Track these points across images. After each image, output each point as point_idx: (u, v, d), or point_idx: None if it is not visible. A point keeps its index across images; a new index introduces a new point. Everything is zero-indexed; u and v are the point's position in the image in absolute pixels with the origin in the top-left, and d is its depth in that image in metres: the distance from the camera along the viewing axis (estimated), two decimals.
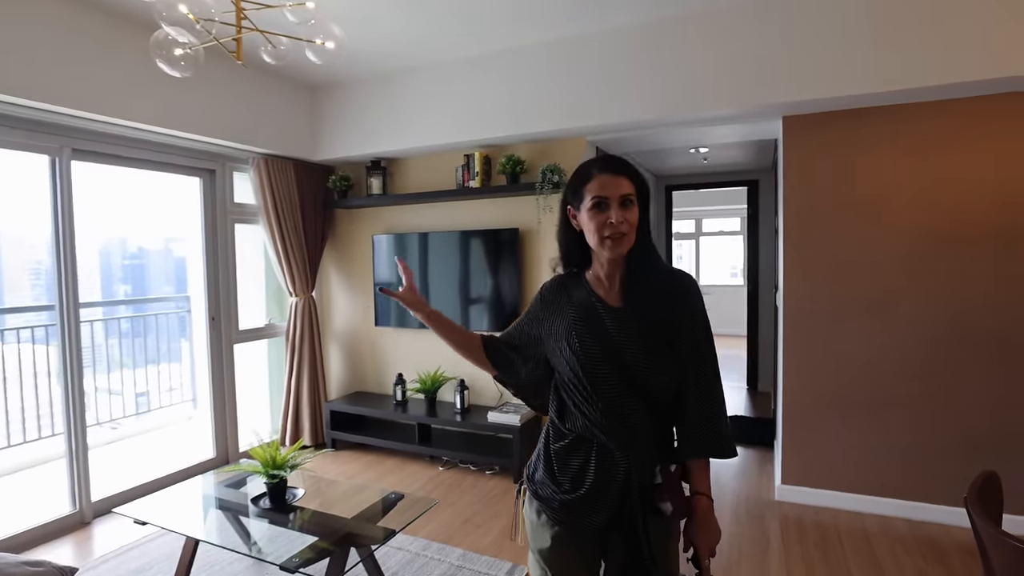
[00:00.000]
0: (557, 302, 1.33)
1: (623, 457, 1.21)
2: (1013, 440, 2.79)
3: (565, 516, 1.25)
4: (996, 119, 2.75)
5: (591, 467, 1.22)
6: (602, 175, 1.22)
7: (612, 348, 1.22)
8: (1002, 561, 1.31)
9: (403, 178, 4.24)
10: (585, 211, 1.23)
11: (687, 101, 3.08)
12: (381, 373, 4.42)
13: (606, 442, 1.21)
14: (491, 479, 3.63)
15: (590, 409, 1.23)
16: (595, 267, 1.31)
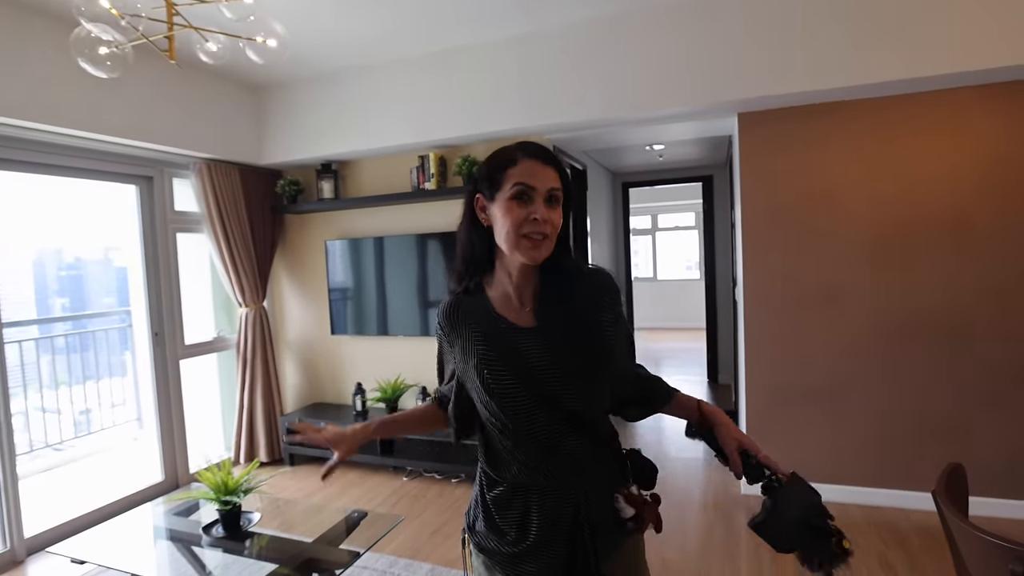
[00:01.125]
0: (456, 330, 1.07)
1: (570, 496, 1.03)
2: (964, 425, 2.91)
3: (514, 570, 1.06)
4: (945, 114, 2.85)
5: (533, 514, 1.03)
6: (529, 161, 1.00)
7: (530, 378, 1.00)
8: (969, 550, 1.33)
9: (355, 181, 4.11)
10: (502, 201, 1.00)
11: (644, 99, 3.08)
12: (339, 383, 4.27)
13: (547, 484, 1.03)
14: (457, 487, 3.55)
15: (521, 452, 1.02)
16: (499, 279, 1.07)
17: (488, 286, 1.09)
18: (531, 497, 1.03)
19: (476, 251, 1.06)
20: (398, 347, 4.04)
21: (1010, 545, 1.15)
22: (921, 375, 2.96)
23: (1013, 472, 2.83)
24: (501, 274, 1.07)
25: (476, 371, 1.03)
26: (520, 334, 1.03)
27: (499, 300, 1.07)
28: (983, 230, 2.83)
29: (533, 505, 1.04)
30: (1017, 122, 2.75)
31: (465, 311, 1.07)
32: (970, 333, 2.87)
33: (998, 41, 2.52)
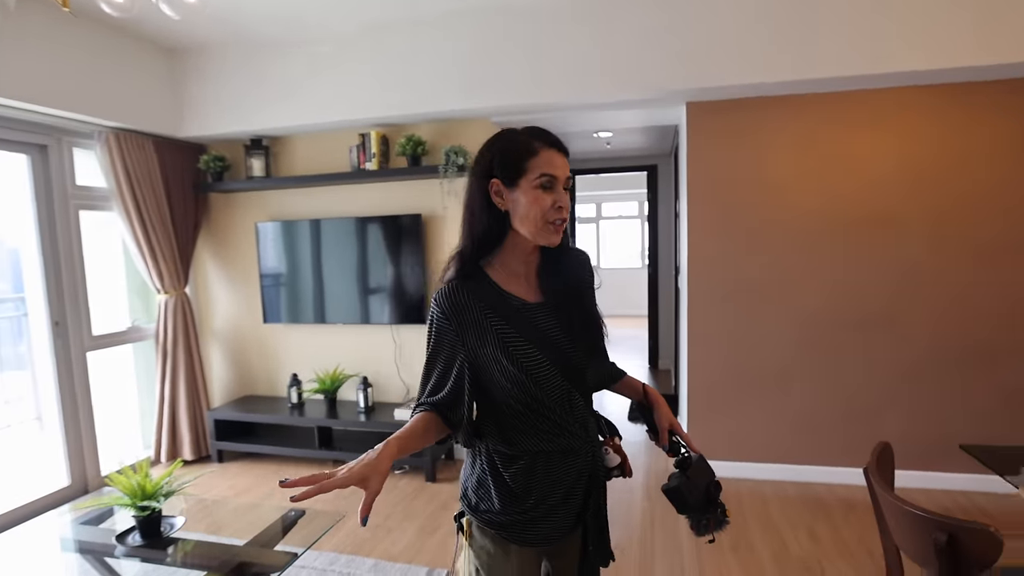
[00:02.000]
0: (469, 313, 1.07)
1: (584, 451, 1.14)
2: (885, 405, 3.08)
3: (533, 531, 1.12)
4: (882, 112, 2.97)
5: (556, 475, 1.12)
6: (550, 151, 1.06)
7: (549, 348, 1.09)
8: (895, 523, 1.38)
9: (289, 159, 3.84)
10: (528, 188, 1.05)
11: (593, 84, 3.03)
12: (273, 374, 4.02)
13: (566, 445, 1.12)
14: (402, 479, 3.43)
15: (543, 420, 1.10)
16: (507, 258, 1.12)
17: (488, 266, 1.12)
18: (552, 461, 1.11)
19: (492, 233, 1.09)
20: (337, 336, 3.84)
21: (932, 516, 1.20)
22: (849, 360, 3.10)
23: (928, 447, 3.03)
24: (510, 253, 1.12)
25: (499, 349, 1.06)
26: (532, 309, 1.11)
27: (505, 279, 1.12)
28: (909, 225, 2.98)
29: (555, 467, 1.11)
30: (954, 123, 2.90)
31: (471, 293, 1.09)
32: (893, 321, 3.04)
33: (943, 43, 2.64)
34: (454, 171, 3.34)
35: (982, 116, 2.86)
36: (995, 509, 2.81)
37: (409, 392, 3.75)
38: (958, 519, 1.17)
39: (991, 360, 2.94)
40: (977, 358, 2.96)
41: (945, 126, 2.90)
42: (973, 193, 2.90)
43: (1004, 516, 2.74)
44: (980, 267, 2.92)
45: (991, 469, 1.62)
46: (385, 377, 3.78)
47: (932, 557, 1.21)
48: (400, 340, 3.73)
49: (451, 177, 3.38)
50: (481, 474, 1.14)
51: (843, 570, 2.35)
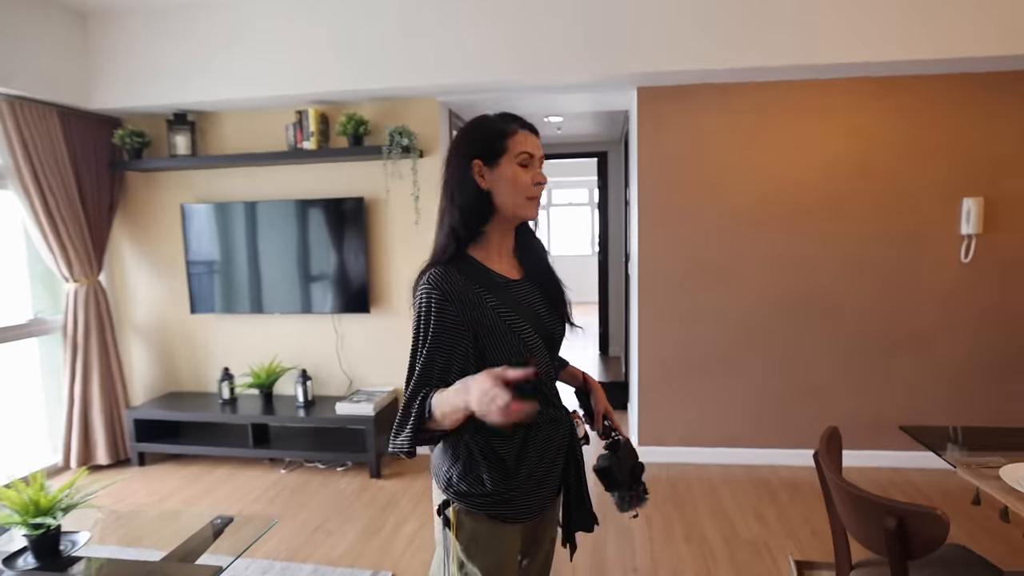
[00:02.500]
0: (465, 293, 1.10)
1: (564, 419, 1.23)
2: (829, 388, 3.15)
3: (526, 505, 1.18)
4: (828, 101, 3.00)
5: (543, 445, 1.19)
6: (524, 131, 1.16)
7: (538, 321, 1.19)
8: (844, 506, 1.40)
9: (218, 136, 3.55)
10: (509, 166, 1.13)
11: (544, 65, 2.92)
12: (202, 369, 3.73)
13: (553, 414, 1.20)
14: (343, 477, 3.25)
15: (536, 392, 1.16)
16: (487, 239, 1.19)
17: (471, 248, 1.17)
18: (540, 432, 1.18)
19: (477, 213, 1.14)
20: (275, 326, 3.60)
21: (882, 501, 1.20)
22: (794, 344, 3.15)
23: (867, 427, 3.13)
24: (492, 234, 1.18)
25: (497, 323, 1.11)
26: (515, 285, 1.19)
27: (488, 258, 1.18)
28: (852, 212, 3.05)
29: (542, 438, 1.18)
30: (884, 113, 2.97)
31: (464, 273, 1.12)
32: (838, 305, 3.10)
33: (888, 36, 2.67)
34: (398, 152, 3.16)
35: (920, 108, 2.94)
36: (925, 483, 2.93)
37: (352, 384, 3.56)
38: (906, 503, 1.17)
39: (926, 340, 3.05)
40: (913, 339, 3.06)
41: (886, 116, 2.97)
42: (910, 180, 2.99)
43: (932, 489, 2.87)
44: (916, 251, 3.02)
45: (930, 449, 1.64)
46: (326, 370, 3.58)
47: (881, 540, 1.23)
48: (342, 330, 3.53)
49: (395, 159, 3.20)
50: (467, 458, 1.15)
51: (789, 549, 2.38)
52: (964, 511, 2.56)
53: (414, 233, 3.38)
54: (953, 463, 1.49)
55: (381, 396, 3.33)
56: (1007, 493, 1.31)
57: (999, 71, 2.86)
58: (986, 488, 1.36)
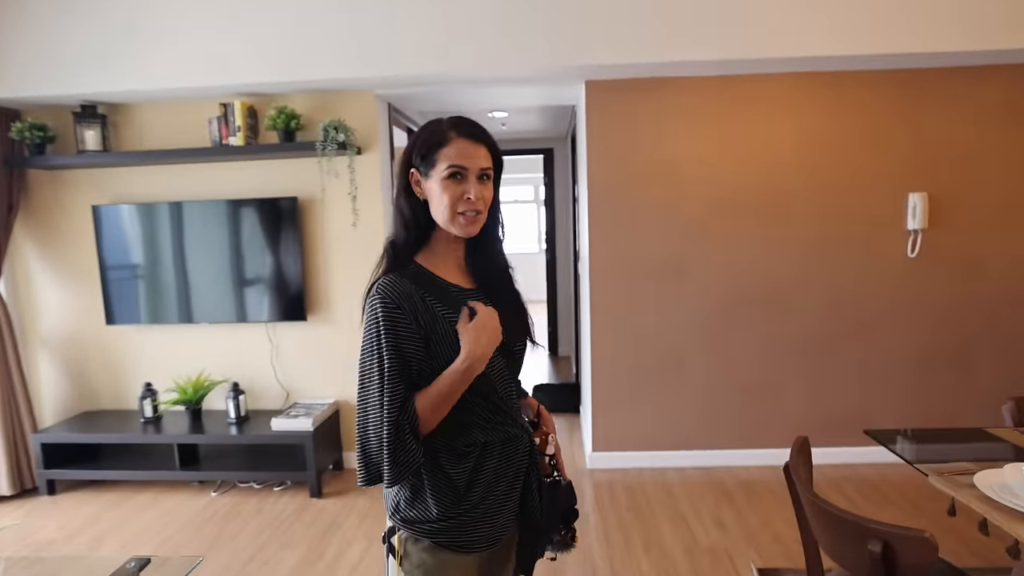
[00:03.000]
0: (418, 304, 1.05)
1: (524, 438, 1.16)
2: (778, 385, 3.16)
3: (477, 533, 1.09)
4: (775, 96, 2.99)
5: (499, 466, 1.11)
6: (460, 140, 1.06)
7: None
8: (819, 524, 1.34)
9: (134, 131, 3.24)
10: (437, 180, 1.06)
11: (488, 57, 2.79)
12: (121, 385, 3.42)
13: (509, 432, 1.13)
14: (281, 496, 3.04)
15: (490, 406, 1.10)
16: (437, 247, 1.13)
17: (419, 256, 1.12)
18: (495, 451, 1.11)
19: (420, 223, 1.10)
20: (204, 337, 3.33)
21: (865, 523, 1.14)
22: (744, 343, 3.14)
23: (820, 424, 3.16)
24: (440, 242, 1.13)
25: (449, 333, 1.05)
26: (468, 294, 1.11)
27: (437, 267, 1.12)
28: (801, 209, 3.05)
29: (498, 458, 1.11)
30: (831, 109, 2.98)
31: (412, 282, 1.06)
32: (779, 301, 3.11)
33: (827, 32, 2.67)
34: (333, 149, 2.97)
35: (867, 104, 2.96)
36: (878, 479, 2.96)
37: (289, 397, 3.34)
38: (892, 526, 1.09)
39: (874, 335, 3.10)
40: (861, 334, 3.10)
41: (834, 112, 2.98)
42: (858, 176, 3.01)
43: (887, 485, 2.90)
44: (864, 247, 3.05)
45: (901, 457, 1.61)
46: (260, 382, 3.34)
47: (860, 563, 1.14)
48: (277, 340, 3.30)
49: (330, 156, 3.00)
50: (415, 481, 1.08)
51: (751, 556, 2.34)
52: (929, 517, 2.63)
53: (352, 235, 3.19)
54: (925, 471, 1.46)
55: (320, 409, 3.13)
56: (984, 503, 1.27)
57: (941, 67, 2.90)
58: (962, 499, 1.32)
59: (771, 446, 3.19)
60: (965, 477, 1.39)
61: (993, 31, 2.64)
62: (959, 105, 2.95)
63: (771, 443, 3.19)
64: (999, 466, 1.39)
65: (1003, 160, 2.98)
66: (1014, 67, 2.91)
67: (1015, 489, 1.28)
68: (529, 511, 1.15)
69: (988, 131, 2.96)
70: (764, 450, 3.19)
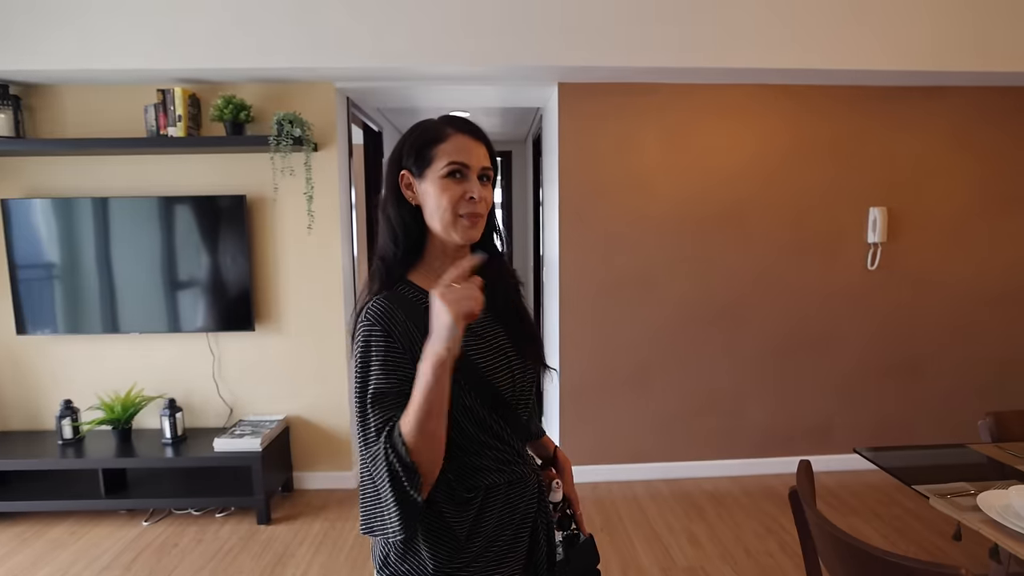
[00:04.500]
0: (413, 330, 0.91)
1: (533, 480, 1.04)
2: (740, 396, 3.17)
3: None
4: (743, 106, 2.99)
5: (504, 511, 0.99)
6: (460, 136, 0.95)
7: (504, 361, 0.99)
8: (836, 556, 1.27)
9: (55, 116, 2.89)
10: (436, 178, 0.94)
11: (458, 51, 2.64)
12: (34, 403, 3.03)
13: (517, 473, 1.01)
14: (224, 524, 2.77)
15: (498, 443, 0.98)
16: (432, 261, 1.00)
17: (414, 274, 0.99)
18: (500, 494, 0.99)
19: (412, 233, 0.98)
20: (135, 348, 3.00)
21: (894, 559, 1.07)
22: (707, 355, 3.14)
23: (773, 433, 3.19)
24: (437, 257, 0.99)
25: (463, 365, 0.91)
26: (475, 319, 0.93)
27: (432, 285, 0.91)
28: (765, 220, 3.07)
29: (503, 502, 0.99)
30: (795, 122, 3.02)
31: (408, 308, 0.92)
32: (745, 313, 3.12)
33: (792, 44, 2.68)
34: (288, 144, 2.73)
35: (833, 117, 3.01)
36: (838, 487, 3.02)
37: (233, 414, 3.06)
38: (923, 562, 1.03)
39: (835, 346, 3.16)
40: (822, 345, 3.15)
41: (799, 124, 3.02)
42: (821, 189, 3.06)
43: (846, 492, 2.96)
44: (826, 259, 3.10)
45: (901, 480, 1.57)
46: (200, 398, 3.04)
47: None
48: (220, 350, 3.02)
49: (284, 152, 2.76)
50: (419, 536, 0.95)
51: (727, 573, 2.30)
52: (890, 524, 2.66)
53: (307, 238, 2.96)
54: (925, 494, 1.42)
55: (269, 427, 2.87)
56: (992, 527, 1.24)
57: (903, 86, 3.00)
58: (969, 523, 1.29)
59: (735, 456, 3.20)
60: (967, 499, 1.36)
61: (947, 53, 2.73)
62: (917, 122, 3.05)
63: (735, 454, 3.20)
64: (1000, 487, 1.37)
65: (954, 177, 3.10)
66: (961, 89, 3.04)
67: (1022, 512, 1.26)
68: (535, 565, 1.03)
69: (939, 149, 3.08)
70: (729, 461, 3.20)
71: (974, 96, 3.05)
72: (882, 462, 1.63)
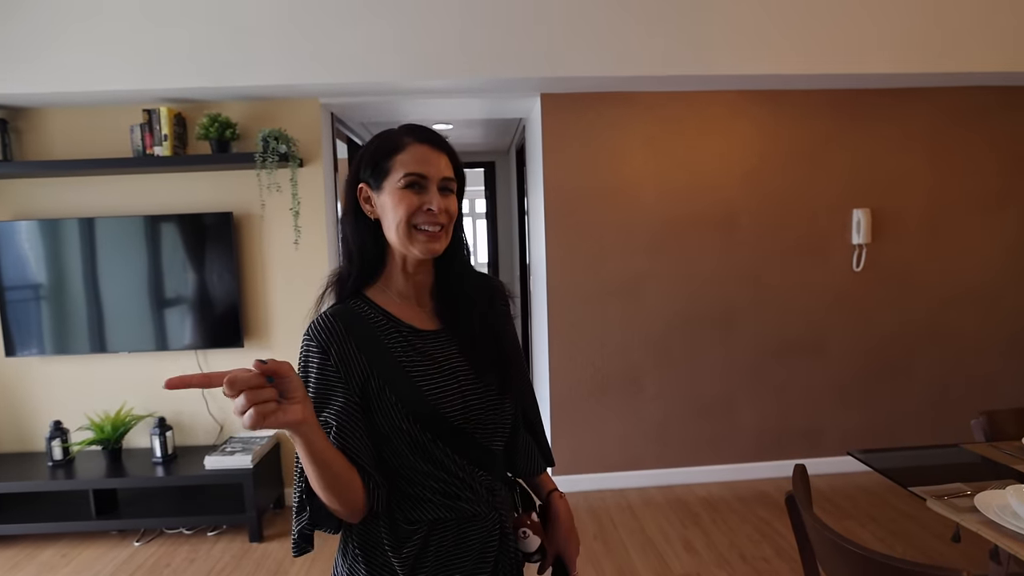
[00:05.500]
0: (348, 344, 0.88)
1: (492, 520, 0.94)
2: (730, 401, 3.18)
3: None
4: (722, 114, 3.02)
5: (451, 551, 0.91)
6: (419, 146, 0.90)
7: (454, 384, 0.91)
8: (837, 560, 1.27)
9: (43, 138, 2.90)
10: (392, 191, 0.90)
11: (442, 64, 2.67)
12: (23, 424, 3.02)
13: (469, 511, 0.92)
14: (217, 542, 2.75)
15: (442, 473, 0.89)
16: (391, 278, 0.96)
17: (371, 290, 0.95)
18: (448, 532, 0.91)
19: (369, 249, 0.94)
20: (122, 367, 2.99)
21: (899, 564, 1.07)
22: (696, 360, 3.14)
23: (765, 437, 3.20)
24: (396, 272, 0.96)
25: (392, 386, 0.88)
26: (427, 338, 0.94)
27: (391, 303, 0.94)
28: (751, 224, 3.10)
29: (450, 541, 0.91)
30: (776, 127, 3.05)
31: (351, 320, 0.89)
32: (733, 318, 3.14)
33: (770, 50, 2.72)
34: (274, 161, 2.75)
35: (815, 121, 3.05)
36: (828, 489, 3.02)
37: (223, 431, 3.05)
38: (925, 565, 1.03)
39: (821, 348, 3.17)
40: (809, 347, 3.16)
41: (782, 129, 3.06)
42: (806, 192, 3.09)
43: (838, 495, 2.96)
44: (812, 261, 3.12)
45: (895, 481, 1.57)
46: (190, 416, 3.04)
47: None
48: (209, 367, 3.01)
49: (270, 168, 2.78)
50: (353, 562, 0.92)
51: None
52: (885, 527, 2.66)
53: (294, 254, 2.97)
54: (921, 496, 1.42)
55: (260, 444, 2.87)
56: (990, 528, 1.23)
57: (885, 88, 3.04)
58: (967, 524, 1.27)
59: (728, 462, 3.21)
60: (964, 500, 1.36)
61: (924, 55, 2.78)
62: (899, 124, 3.09)
63: (728, 459, 3.21)
64: (997, 486, 1.36)
65: (932, 176, 3.14)
66: (938, 90, 3.09)
67: (1020, 512, 1.25)
68: None
69: (917, 149, 3.12)
70: (720, 466, 3.20)
71: (951, 96, 3.09)
72: (876, 464, 1.63)
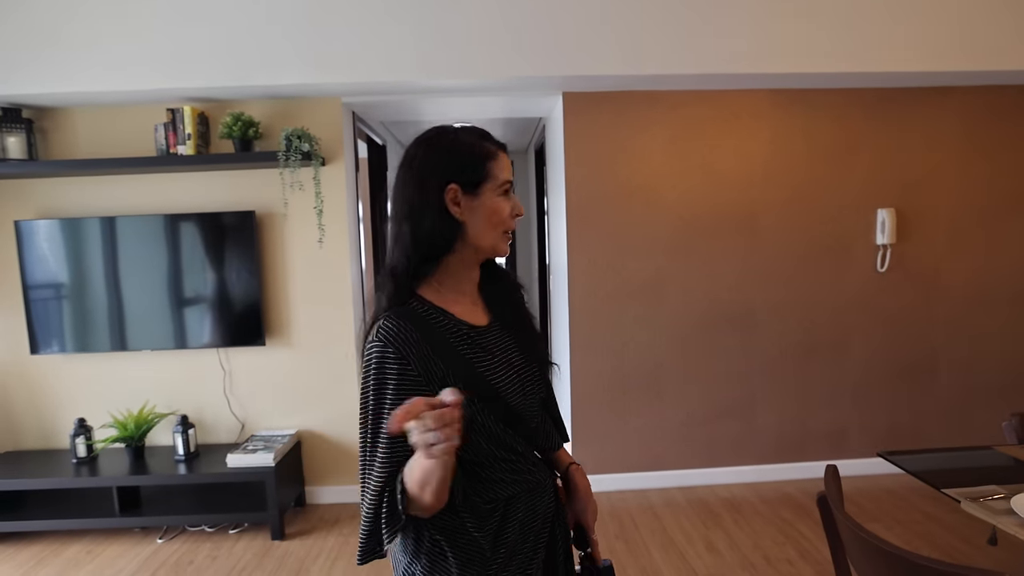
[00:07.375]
0: (422, 346, 0.89)
1: (549, 486, 1.05)
2: (750, 401, 3.15)
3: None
4: (751, 111, 3.00)
5: (525, 519, 0.99)
6: (503, 155, 0.99)
7: (517, 375, 0.99)
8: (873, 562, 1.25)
9: (66, 137, 2.92)
10: (491, 195, 0.96)
11: (467, 63, 2.66)
12: (48, 422, 3.04)
13: (533, 481, 1.01)
14: (239, 540, 2.76)
15: (513, 456, 0.98)
16: (444, 278, 0.98)
17: (424, 289, 0.96)
18: (520, 504, 0.98)
19: (442, 245, 0.95)
20: (143, 365, 3.01)
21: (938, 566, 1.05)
22: (718, 361, 3.12)
23: (787, 438, 3.17)
24: (453, 271, 0.98)
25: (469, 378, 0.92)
26: (484, 333, 0.99)
27: (446, 301, 0.97)
28: (767, 224, 3.07)
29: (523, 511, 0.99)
30: (800, 126, 3.02)
31: (421, 325, 0.91)
32: (754, 318, 3.11)
33: (796, 48, 2.69)
34: (297, 160, 2.76)
35: (840, 120, 3.02)
36: (855, 492, 2.96)
37: (245, 429, 3.06)
38: (966, 568, 1.01)
39: (845, 350, 3.13)
40: (833, 349, 3.13)
41: (808, 128, 3.02)
42: (831, 192, 3.05)
43: (863, 497, 2.91)
44: (837, 262, 3.09)
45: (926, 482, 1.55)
46: (212, 413, 3.05)
47: None
48: (231, 366, 3.03)
49: (294, 167, 2.79)
50: (432, 551, 0.94)
51: None
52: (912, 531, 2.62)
53: (319, 254, 2.97)
54: (956, 497, 1.40)
55: (282, 442, 2.87)
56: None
57: (910, 87, 3.00)
58: (1004, 527, 1.25)
59: (750, 463, 3.18)
60: (1000, 503, 1.34)
61: (951, 53, 2.73)
62: (923, 123, 3.05)
63: (749, 460, 3.18)
64: None
65: (963, 176, 3.09)
66: (967, 89, 3.04)
67: None
68: (556, 563, 1.05)
69: (948, 148, 3.07)
70: (742, 467, 3.17)
71: (982, 95, 3.04)
72: (907, 466, 1.60)
